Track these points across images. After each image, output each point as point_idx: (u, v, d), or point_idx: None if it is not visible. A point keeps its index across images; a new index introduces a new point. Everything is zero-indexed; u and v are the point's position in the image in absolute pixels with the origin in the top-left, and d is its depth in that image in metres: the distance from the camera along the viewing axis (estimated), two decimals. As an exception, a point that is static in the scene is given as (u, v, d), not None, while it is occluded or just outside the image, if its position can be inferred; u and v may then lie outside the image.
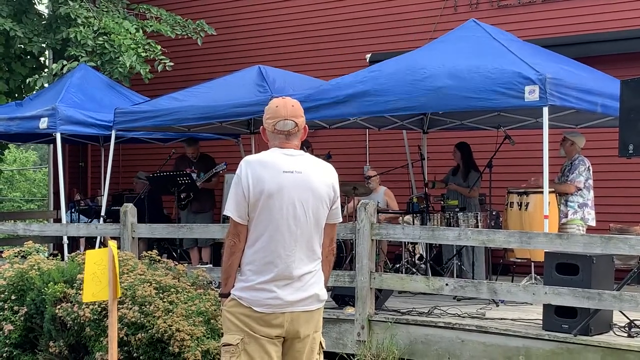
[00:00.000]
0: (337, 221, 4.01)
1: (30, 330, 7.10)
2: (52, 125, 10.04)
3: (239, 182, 3.81)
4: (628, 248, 6.11)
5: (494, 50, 7.87)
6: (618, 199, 10.02)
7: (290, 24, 12.89)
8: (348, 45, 12.26)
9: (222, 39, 13.26)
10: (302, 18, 12.81)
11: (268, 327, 3.80)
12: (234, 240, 3.84)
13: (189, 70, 13.25)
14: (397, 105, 7.82)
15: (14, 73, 12.86)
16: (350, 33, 12.30)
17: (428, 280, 7.11)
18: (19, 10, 12.64)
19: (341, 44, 12.35)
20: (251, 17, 13.29)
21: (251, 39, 13.20)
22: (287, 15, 12.96)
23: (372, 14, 12.17)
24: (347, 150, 11.70)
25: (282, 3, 13.05)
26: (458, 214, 8.70)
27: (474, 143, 9.70)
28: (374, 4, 12.19)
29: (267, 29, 13.08)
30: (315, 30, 12.64)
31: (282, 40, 12.89)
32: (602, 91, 7.69)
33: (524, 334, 6.46)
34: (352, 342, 7.18)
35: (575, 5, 10.79)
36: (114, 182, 12.08)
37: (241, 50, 13.14)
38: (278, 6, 13.08)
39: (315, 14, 12.71)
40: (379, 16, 12.10)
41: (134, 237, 8.31)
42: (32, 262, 7.32)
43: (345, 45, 12.30)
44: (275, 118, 3.88)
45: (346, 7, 12.42)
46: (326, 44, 12.51)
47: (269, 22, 13.10)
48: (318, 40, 12.59)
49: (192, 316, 6.35)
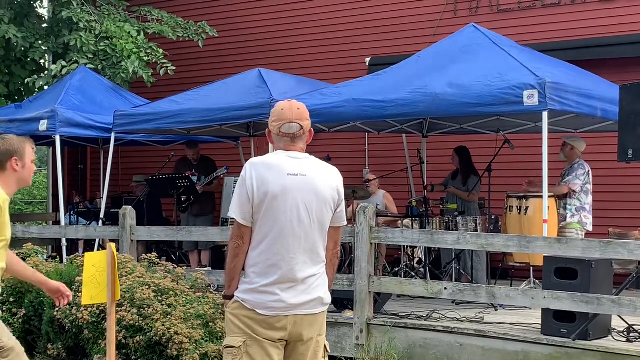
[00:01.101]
0: (341, 224, 4.00)
1: (29, 333, 7.10)
2: (51, 127, 10.04)
3: (244, 183, 3.80)
4: (627, 253, 6.11)
5: (493, 55, 7.88)
6: (617, 204, 10.02)
7: (291, 28, 12.91)
8: (348, 48, 12.28)
9: (223, 42, 13.27)
10: (302, 22, 12.83)
11: (271, 330, 3.79)
12: (238, 242, 3.83)
13: (190, 74, 13.25)
14: (396, 110, 7.83)
15: (14, 76, 12.87)
16: (350, 37, 12.31)
17: (427, 284, 7.10)
18: (20, 14, 12.66)
19: (341, 48, 12.36)
20: (251, 21, 13.30)
21: (251, 42, 13.21)
22: (287, 18, 12.98)
23: (372, 17, 12.18)
24: (347, 154, 11.71)
25: (283, 7, 13.07)
26: (457, 217, 8.70)
27: (474, 147, 9.71)
28: (374, 7, 12.20)
29: (267, 32, 13.09)
30: (316, 34, 12.66)
31: (283, 43, 12.90)
32: (601, 96, 7.70)
33: (522, 338, 6.45)
34: (350, 345, 7.17)
35: (575, 10, 10.81)
36: (113, 184, 12.07)
37: (241, 54, 13.15)
38: (278, 9, 13.09)
39: (316, 17, 12.72)
40: (378, 20, 12.12)
41: (132, 240, 8.30)
42: (31, 265, 7.32)
43: (345, 48, 12.32)
44: (281, 121, 3.87)
45: (346, 10, 12.43)
46: (326, 48, 12.52)
47: (269, 25, 13.11)
48: (318, 43, 12.60)
49: (190, 319, 6.35)
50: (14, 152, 4.24)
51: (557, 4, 10.89)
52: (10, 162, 4.23)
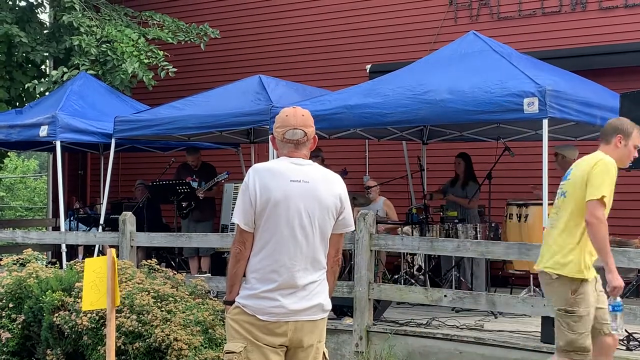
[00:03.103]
0: (344, 231, 4.00)
1: (28, 339, 7.09)
2: (52, 133, 10.04)
3: (246, 189, 3.81)
4: (627, 261, 6.12)
5: (494, 63, 7.89)
6: (617, 212, 9.91)
7: (292, 34, 12.92)
8: (349, 55, 12.29)
9: (224, 48, 13.29)
10: (303, 28, 12.84)
11: (271, 336, 3.80)
12: (239, 247, 3.84)
13: (191, 79, 13.27)
14: (396, 118, 7.84)
15: (15, 81, 12.88)
16: (351, 44, 12.33)
17: (427, 292, 7.10)
18: (21, 19, 12.67)
19: (342, 55, 12.38)
20: (253, 27, 13.32)
21: (252, 48, 13.22)
22: (288, 25, 12.99)
23: (372, 25, 12.20)
24: (347, 161, 11.70)
25: (284, 13, 13.09)
26: (457, 225, 8.71)
27: (474, 154, 9.72)
28: (374, 15, 12.22)
29: (268, 38, 13.11)
30: (317, 41, 12.67)
31: (284, 50, 12.92)
32: (601, 104, 7.70)
33: (522, 346, 6.45)
34: (350, 352, 7.17)
35: (575, 18, 10.82)
36: (113, 190, 12.08)
37: (242, 60, 13.16)
38: (280, 16, 13.11)
39: (317, 24, 12.74)
40: (379, 27, 12.13)
41: (132, 246, 8.31)
42: (31, 270, 7.32)
43: (345, 55, 12.33)
44: (285, 127, 3.88)
45: (347, 18, 12.45)
46: (327, 55, 12.54)
47: (271, 32, 13.13)
48: (319, 50, 12.62)
49: (190, 325, 6.35)
50: (621, 131, 4.93)
51: (558, 12, 10.91)
52: (615, 139, 4.94)
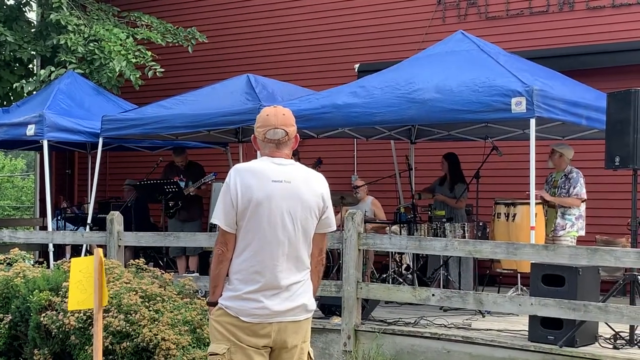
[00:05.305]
0: (327, 230, 3.98)
1: (15, 338, 7.06)
2: (39, 132, 9.98)
3: (228, 190, 3.78)
4: (614, 260, 6.13)
5: (482, 62, 7.91)
6: (604, 211, 10.06)
7: (280, 34, 12.92)
8: (337, 55, 12.30)
9: (213, 48, 13.26)
10: (291, 27, 12.84)
11: (255, 337, 3.78)
12: (222, 248, 3.82)
13: (179, 79, 13.24)
14: (384, 117, 7.84)
15: (2, 80, 12.81)
16: (339, 43, 12.33)
17: (415, 291, 7.11)
18: (8, 18, 12.61)
19: (330, 54, 12.38)
20: (241, 27, 13.31)
21: (241, 47, 13.22)
22: (276, 24, 12.99)
23: (360, 24, 12.22)
24: (335, 160, 11.71)
25: (272, 12, 13.08)
26: (445, 224, 8.72)
27: (462, 154, 9.73)
28: (362, 14, 12.23)
29: (257, 37, 13.10)
30: (305, 40, 12.68)
31: (272, 49, 12.91)
32: (587, 104, 7.74)
33: (509, 344, 6.46)
34: (338, 352, 7.17)
35: (562, 18, 10.87)
36: (101, 189, 12.04)
37: (230, 59, 13.15)
38: (268, 15, 13.10)
39: (305, 23, 12.75)
40: (367, 26, 12.15)
41: (120, 245, 8.27)
42: (18, 270, 7.29)
43: (334, 55, 12.34)
44: (266, 126, 3.86)
45: (335, 17, 12.46)
46: (315, 54, 12.54)
47: (259, 31, 13.12)
48: (307, 50, 12.62)
49: (178, 325, 6.33)
50: None
51: (545, 12, 10.95)
52: None
